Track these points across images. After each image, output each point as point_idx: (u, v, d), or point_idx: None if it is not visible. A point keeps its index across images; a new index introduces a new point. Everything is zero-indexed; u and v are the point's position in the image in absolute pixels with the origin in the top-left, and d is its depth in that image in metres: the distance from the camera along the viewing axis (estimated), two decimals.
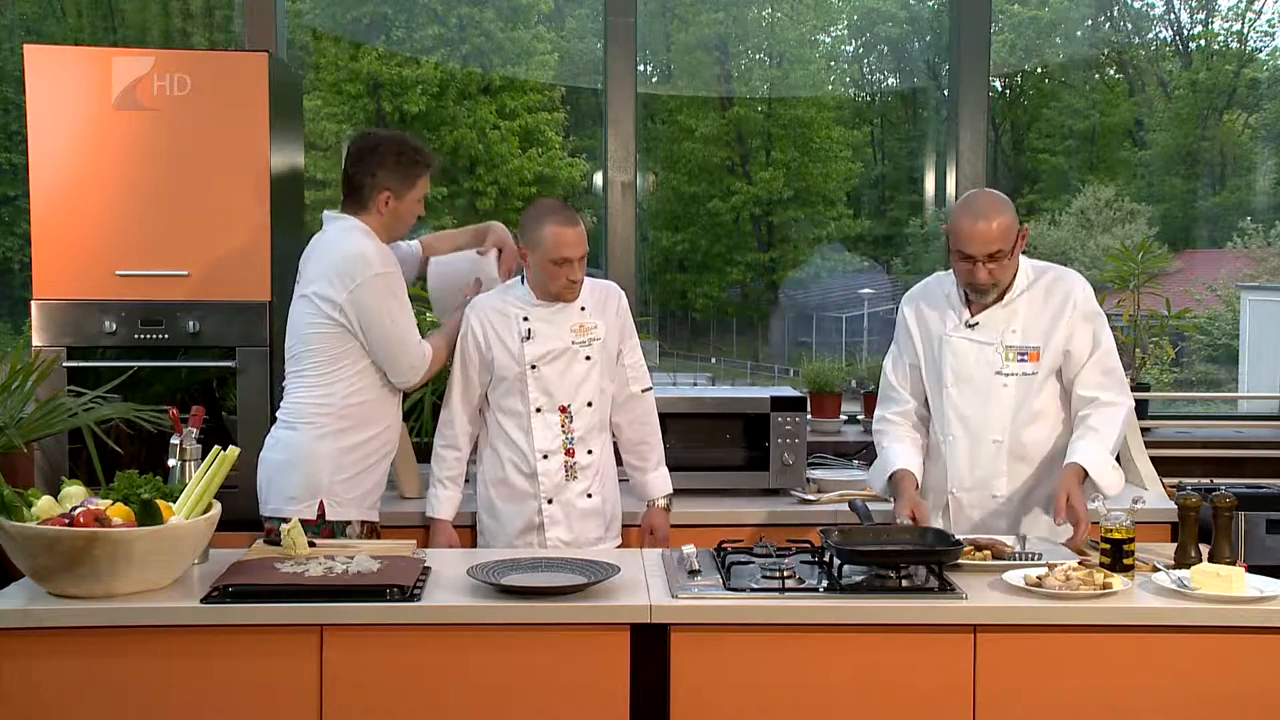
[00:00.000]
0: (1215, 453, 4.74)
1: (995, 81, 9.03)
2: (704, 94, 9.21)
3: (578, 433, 3.55)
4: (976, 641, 2.80)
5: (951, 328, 3.46)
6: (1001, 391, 3.39)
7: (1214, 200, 9.36)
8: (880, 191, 9.52)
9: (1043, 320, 3.39)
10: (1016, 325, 3.39)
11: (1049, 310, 3.39)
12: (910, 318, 3.57)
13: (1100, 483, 3.25)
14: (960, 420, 3.44)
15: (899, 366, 3.61)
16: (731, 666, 2.80)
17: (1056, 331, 3.37)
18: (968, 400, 3.42)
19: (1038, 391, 3.39)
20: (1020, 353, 3.38)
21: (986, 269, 3.30)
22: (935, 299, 3.53)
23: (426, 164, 3.51)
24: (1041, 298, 3.41)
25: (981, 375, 3.41)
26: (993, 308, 3.42)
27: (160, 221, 3.91)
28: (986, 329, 3.42)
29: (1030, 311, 3.40)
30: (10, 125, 7.46)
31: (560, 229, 3.42)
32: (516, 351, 3.51)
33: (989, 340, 3.41)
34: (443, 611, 2.77)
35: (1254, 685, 2.80)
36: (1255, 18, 9.54)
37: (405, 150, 3.48)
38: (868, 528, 3.16)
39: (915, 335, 3.54)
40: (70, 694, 2.73)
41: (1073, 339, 3.37)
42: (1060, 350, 3.38)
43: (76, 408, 3.52)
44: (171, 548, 2.81)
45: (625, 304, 3.69)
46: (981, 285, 3.35)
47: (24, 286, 4.12)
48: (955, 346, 3.44)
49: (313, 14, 8.27)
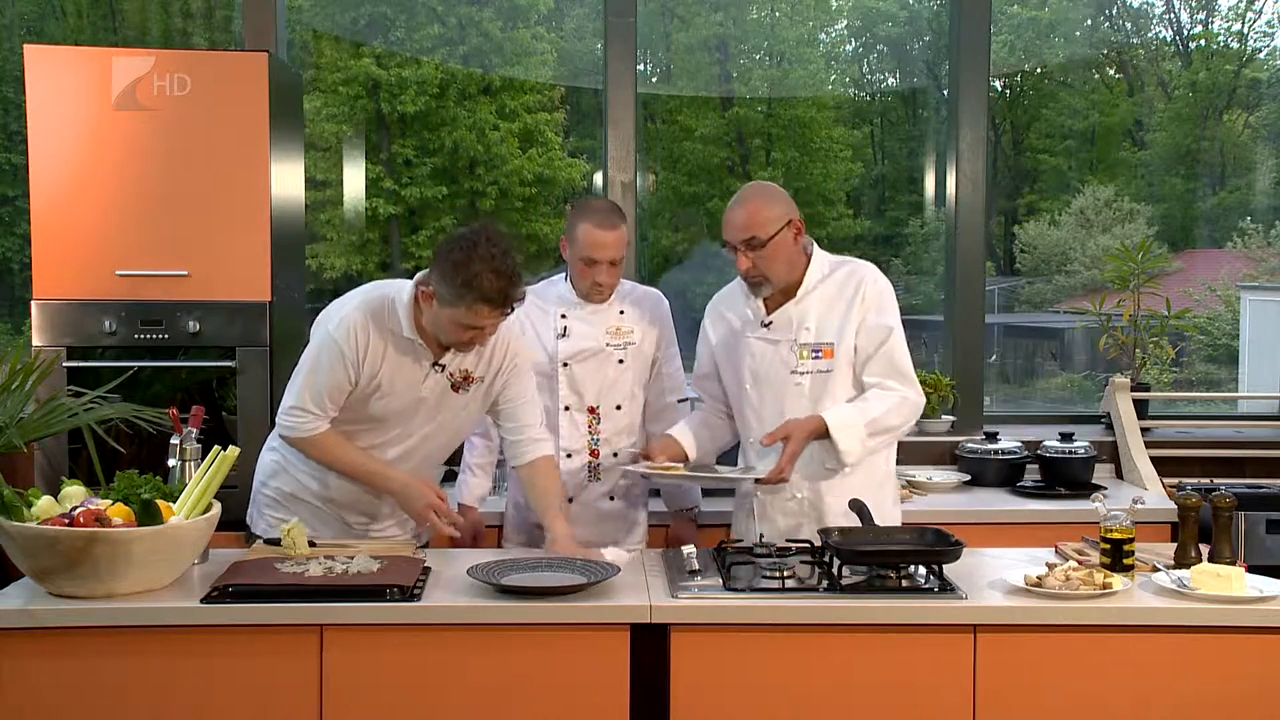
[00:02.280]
0: (1215, 453, 4.74)
1: (995, 81, 9.04)
2: (704, 94, 9.22)
3: (604, 434, 3.56)
4: (976, 641, 2.80)
5: (749, 329, 3.38)
6: (795, 390, 3.31)
7: (1214, 200, 9.37)
8: (880, 191, 9.52)
9: (835, 316, 3.30)
10: (810, 322, 3.31)
11: (841, 305, 3.31)
12: (708, 326, 3.52)
13: (838, 443, 3.17)
14: (759, 422, 3.35)
15: (699, 372, 3.57)
16: (731, 666, 2.80)
17: (848, 326, 3.28)
18: (765, 401, 3.35)
19: (834, 388, 3.29)
20: (814, 350, 3.30)
21: (748, 258, 3.23)
22: (734, 301, 3.46)
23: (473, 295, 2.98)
24: (834, 293, 3.32)
25: (777, 375, 3.33)
26: (786, 306, 3.33)
27: (160, 221, 3.91)
28: (780, 328, 3.34)
29: (823, 307, 3.32)
30: (10, 125, 7.46)
31: (593, 230, 3.40)
32: (551, 348, 3.52)
33: (783, 339, 3.33)
34: (443, 611, 2.77)
35: (1254, 685, 2.80)
36: (1255, 18, 9.54)
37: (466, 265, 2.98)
38: (868, 528, 3.16)
39: (713, 339, 3.49)
40: (70, 694, 2.73)
41: (861, 332, 3.28)
42: (852, 345, 3.30)
43: (76, 408, 3.52)
44: (171, 548, 2.81)
45: (667, 312, 3.67)
46: (748, 276, 3.27)
47: (24, 286, 4.12)
48: (752, 347, 3.37)
49: (313, 14, 8.27)
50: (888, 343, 3.27)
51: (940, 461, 4.69)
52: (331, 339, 3.14)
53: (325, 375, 3.14)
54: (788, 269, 3.29)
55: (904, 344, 3.31)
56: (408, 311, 3.14)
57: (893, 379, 3.26)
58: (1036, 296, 9.48)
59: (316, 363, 3.16)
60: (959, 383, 4.86)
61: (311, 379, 3.16)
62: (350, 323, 3.14)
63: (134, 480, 2.89)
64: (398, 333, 3.14)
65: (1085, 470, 4.36)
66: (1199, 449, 4.74)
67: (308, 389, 3.17)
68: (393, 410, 3.21)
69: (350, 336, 3.12)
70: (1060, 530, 3.72)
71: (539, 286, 3.64)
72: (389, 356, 3.15)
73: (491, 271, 2.97)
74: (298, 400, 3.18)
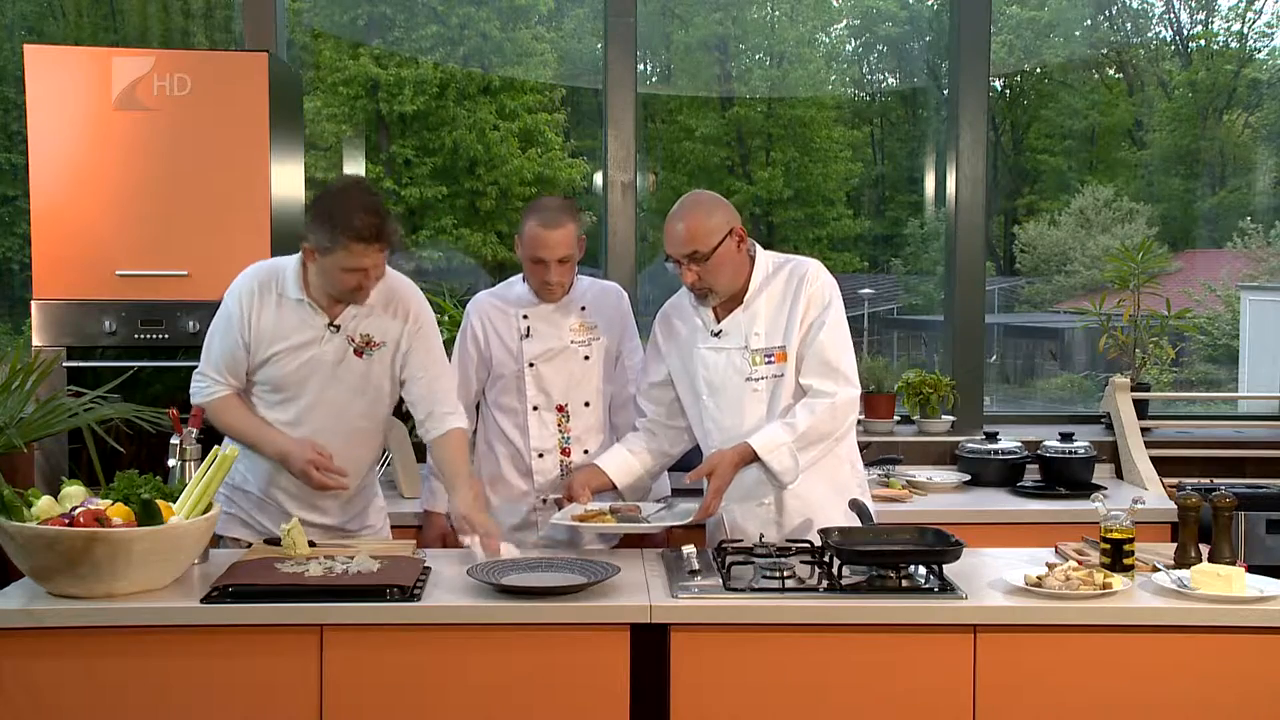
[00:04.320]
0: (1215, 453, 4.74)
1: (995, 81, 9.04)
2: (704, 94, 9.22)
3: (574, 432, 3.55)
4: (976, 641, 2.80)
5: (700, 339, 3.35)
6: (753, 397, 3.28)
7: (1214, 200, 9.37)
8: (880, 191, 9.53)
9: (782, 318, 3.28)
10: (759, 327, 3.28)
11: (786, 304, 3.28)
12: (659, 336, 3.46)
13: (771, 466, 3.16)
14: (720, 431, 3.32)
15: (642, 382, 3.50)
16: (731, 666, 2.80)
17: (794, 324, 3.26)
18: (724, 411, 3.32)
19: (790, 390, 3.27)
20: (766, 354, 3.27)
21: (693, 271, 3.20)
22: (684, 311, 3.42)
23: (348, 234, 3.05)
24: (779, 293, 3.30)
25: (733, 384, 3.30)
26: (735, 312, 3.30)
27: (160, 221, 3.92)
28: (731, 335, 3.31)
29: (769, 309, 3.29)
30: (10, 125, 7.46)
31: (539, 228, 3.39)
32: (515, 349, 3.51)
33: (734, 346, 3.30)
34: (443, 611, 2.77)
35: (1254, 685, 2.80)
36: (1255, 18, 9.54)
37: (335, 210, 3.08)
38: (868, 528, 3.16)
39: (664, 349, 3.43)
40: (70, 694, 2.73)
41: (798, 327, 3.26)
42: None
43: (76, 408, 3.52)
44: (171, 548, 2.81)
45: (627, 305, 3.68)
46: (694, 288, 3.25)
47: (24, 286, 4.12)
48: (704, 358, 3.33)
49: (313, 14, 8.27)
50: (817, 340, 3.23)
51: (940, 461, 4.69)
52: (226, 305, 3.27)
53: (219, 340, 3.27)
54: (732, 277, 3.26)
55: (837, 336, 3.25)
56: (296, 274, 3.24)
57: (826, 378, 3.22)
58: (1036, 296, 9.48)
59: (214, 329, 3.30)
60: (959, 383, 4.86)
61: (209, 345, 3.30)
62: (238, 288, 3.27)
63: (134, 480, 2.89)
64: (286, 295, 3.23)
65: (1085, 470, 4.36)
66: (1199, 449, 4.74)
67: (206, 354, 3.31)
68: (289, 373, 3.26)
69: (238, 301, 3.24)
70: (1060, 530, 3.72)
71: (498, 289, 3.63)
72: (281, 319, 3.23)
73: (361, 209, 3.07)
74: (202, 365, 3.32)
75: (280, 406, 3.29)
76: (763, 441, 3.18)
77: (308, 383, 3.26)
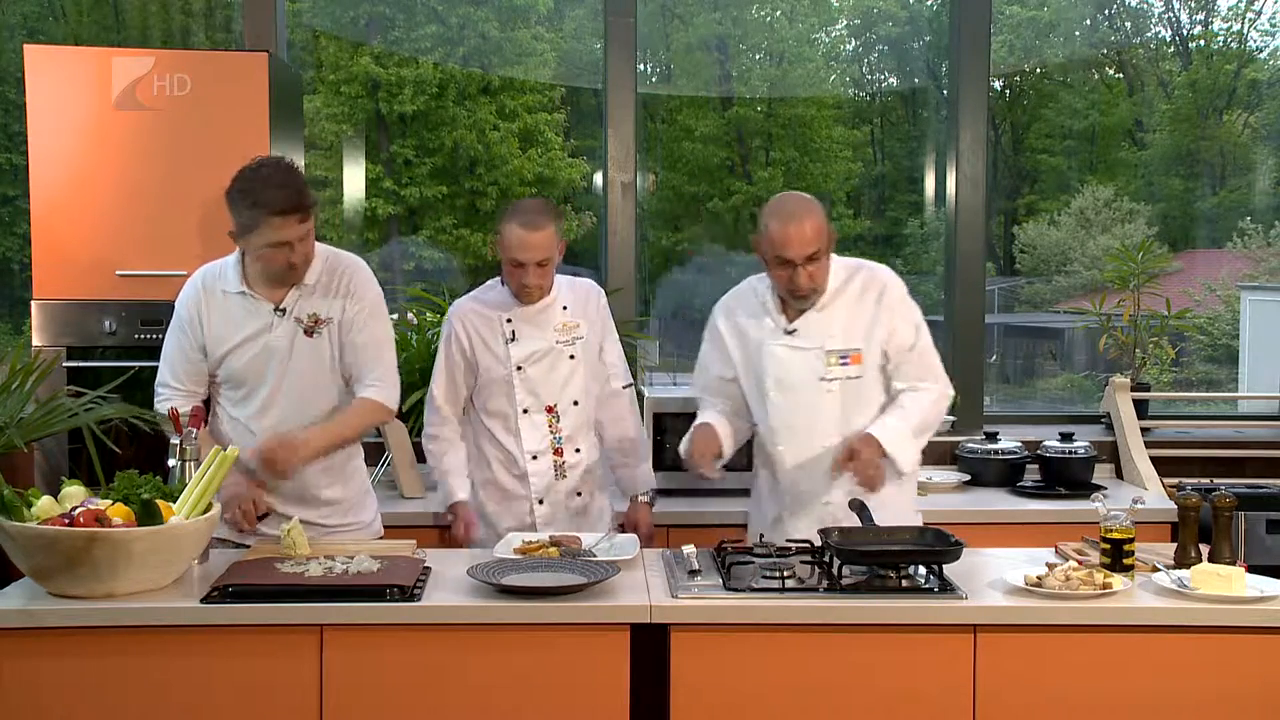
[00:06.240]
0: (1215, 453, 4.74)
1: (995, 81, 9.04)
2: (704, 94, 9.22)
3: (565, 432, 3.55)
4: (976, 641, 2.80)
5: (770, 336, 3.35)
6: (827, 398, 3.30)
7: (1214, 200, 9.37)
8: (880, 191, 9.53)
9: (860, 320, 3.30)
10: (835, 329, 3.30)
11: (864, 309, 3.30)
12: (724, 327, 3.44)
13: (894, 456, 3.19)
14: (788, 429, 3.34)
15: (702, 378, 3.49)
16: (731, 666, 2.80)
17: (875, 330, 3.29)
18: (794, 409, 3.32)
19: (864, 394, 3.30)
20: (842, 356, 3.29)
21: (807, 272, 3.20)
22: (750, 306, 3.41)
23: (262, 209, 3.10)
24: (856, 297, 3.32)
25: (805, 383, 3.31)
26: (809, 313, 3.31)
27: (160, 221, 3.92)
28: (805, 335, 3.31)
29: (847, 313, 3.31)
30: (10, 125, 7.46)
31: (516, 231, 3.38)
32: (502, 354, 3.51)
33: (809, 346, 3.31)
34: (443, 611, 2.77)
35: (1254, 685, 2.80)
36: (1255, 18, 9.54)
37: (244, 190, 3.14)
38: (868, 528, 3.16)
39: (730, 344, 3.42)
40: (70, 694, 2.73)
41: (891, 336, 3.29)
42: (881, 349, 3.30)
43: (76, 408, 3.52)
44: (171, 548, 2.81)
45: (604, 301, 3.67)
46: (802, 290, 3.24)
47: (24, 286, 4.12)
48: (776, 354, 3.33)
49: (313, 14, 8.27)
50: (917, 345, 3.31)
51: (940, 461, 4.69)
52: (175, 313, 3.36)
53: (174, 348, 3.34)
54: (829, 277, 3.31)
55: (930, 340, 3.35)
56: (235, 267, 3.31)
57: (926, 379, 3.30)
58: (1036, 296, 9.48)
59: (168, 339, 3.37)
60: (959, 383, 4.86)
61: (166, 356, 3.37)
62: (184, 294, 3.36)
63: (134, 480, 2.89)
64: (229, 291, 3.30)
65: (1085, 470, 4.36)
66: (1199, 449, 4.74)
67: (164, 365, 3.37)
68: (245, 364, 3.30)
69: (185, 306, 3.33)
70: (1060, 530, 3.72)
71: (476, 293, 3.62)
72: (228, 314, 3.29)
73: (273, 184, 3.13)
74: (160, 376, 3.37)
75: (244, 402, 3.33)
76: (888, 434, 3.20)
77: (265, 371, 3.29)
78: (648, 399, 4.21)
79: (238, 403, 3.33)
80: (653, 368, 4.97)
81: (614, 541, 3.28)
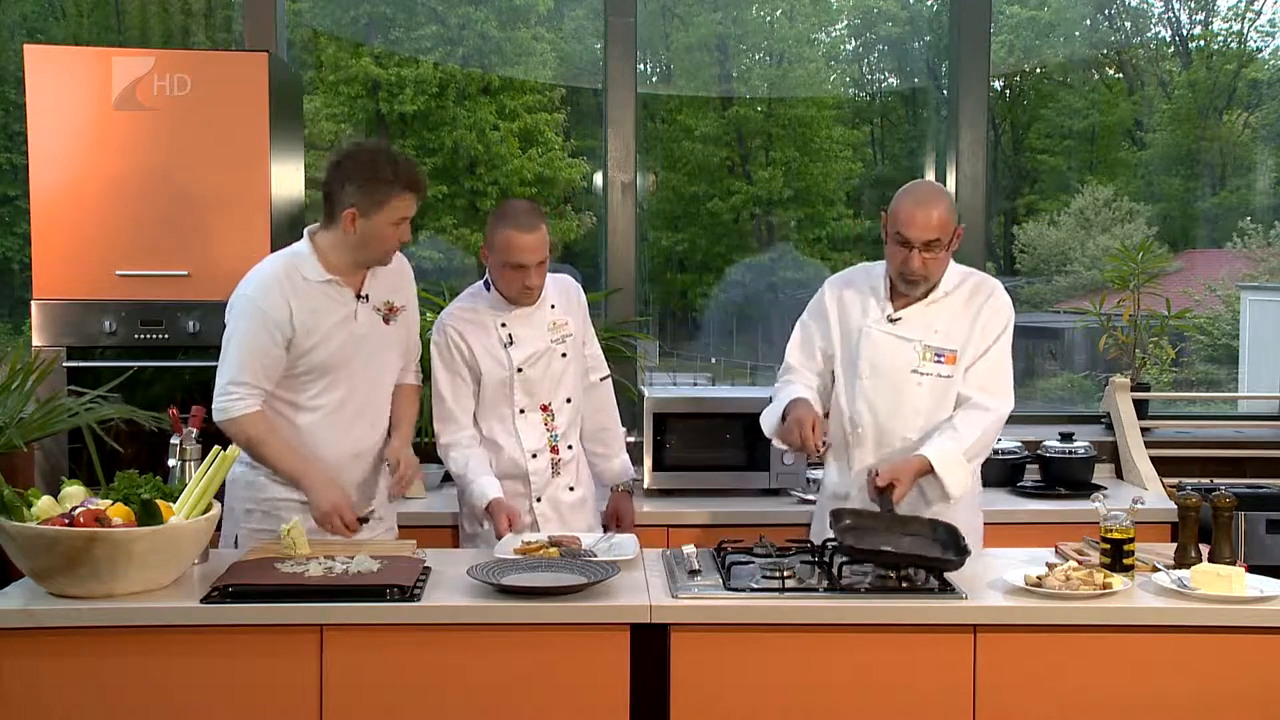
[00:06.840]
0: (1215, 453, 4.74)
1: (995, 81, 9.04)
2: (704, 94, 9.23)
3: (560, 429, 3.56)
4: (976, 641, 2.80)
5: (873, 320, 3.38)
6: (915, 390, 3.32)
7: (1214, 200, 9.38)
8: (880, 191, 9.53)
9: (963, 324, 3.33)
10: (939, 325, 3.33)
11: (969, 314, 3.33)
12: (831, 302, 3.47)
13: (945, 480, 3.19)
14: (871, 414, 3.36)
15: (806, 348, 3.50)
16: (731, 666, 2.80)
17: (974, 333, 3.32)
18: (881, 395, 3.35)
19: (950, 396, 3.32)
20: (938, 353, 3.31)
21: (921, 257, 3.23)
22: (860, 288, 3.45)
23: (400, 183, 3.15)
24: (964, 301, 3.35)
25: (897, 371, 3.33)
26: (917, 304, 3.35)
27: (160, 221, 3.92)
28: (908, 325, 3.34)
29: (952, 314, 3.34)
30: (10, 125, 7.47)
31: (515, 234, 3.38)
32: (502, 357, 3.50)
33: (909, 336, 3.33)
34: (443, 611, 2.77)
35: (1254, 685, 2.80)
36: (1255, 18, 9.55)
37: (377, 164, 3.16)
38: (886, 514, 3.12)
39: (834, 319, 3.45)
40: (70, 694, 2.73)
41: (979, 337, 3.32)
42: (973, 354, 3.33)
43: (77, 408, 3.52)
44: (171, 548, 2.81)
45: (583, 295, 3.70)
46: (914, 274, 3.27)
47: (24, 286, 4.12)
48: (874, 339, 3.36)
49: (313, 14, 8.28)
50: (991, 352, 3.31)
51: None
52: (254, 305, 3.18)
53: (252, 346, 3.18)
54: (943, 271, 3.33)
55: (1008, 356, 3.34)
56: (312, 258, 3.23)
57: (987, 391, 3.29)
58: (1036, 296, 9.48)
59: (242, 335, 3.19)
60: None
61: (239, 352, 3.18)
62: (260, 289, 3.19)
63: (134, 480, 2.89)
64: (311, 280, 3.22)
65: (1085, 470, 4.36)
66: (1199, 449, 4.74)
67: (239, 363, 3.18)
68: (333, 354, 3.24)
69: (266, 296, 3.18)
70: (1060, 530, 3.71)
71: (463, 300, 3.59)
72: (314, 306, 3.21)
73: (402, 161, 3.20)
74: (233, 375, 3.18)
75: (325, 393, 3.26)
76: (938, 454, 3.19)
77: (352, 360, 3.27)
78: (648, 399, 4.22)
79: (319, 394, 3.27)
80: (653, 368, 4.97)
81: (614, 541, 3.28)
